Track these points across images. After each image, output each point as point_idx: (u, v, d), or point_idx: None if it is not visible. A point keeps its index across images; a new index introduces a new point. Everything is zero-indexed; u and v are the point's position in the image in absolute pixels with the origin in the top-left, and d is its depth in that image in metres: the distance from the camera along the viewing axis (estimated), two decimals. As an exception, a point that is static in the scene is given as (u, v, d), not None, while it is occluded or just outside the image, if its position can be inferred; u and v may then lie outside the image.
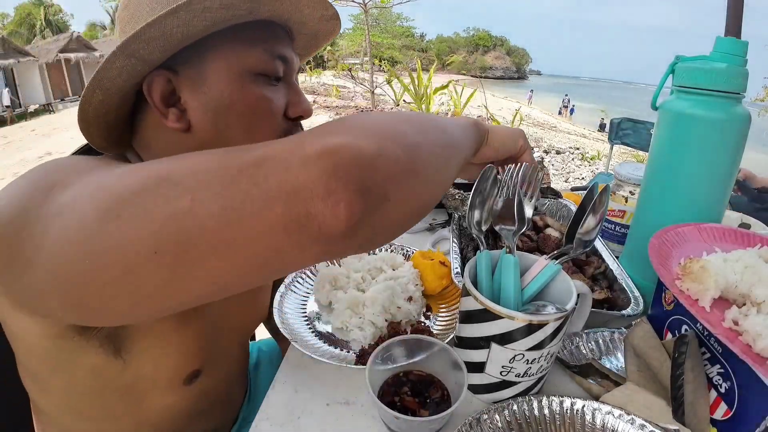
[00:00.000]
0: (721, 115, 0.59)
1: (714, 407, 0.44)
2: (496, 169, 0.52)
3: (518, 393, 0.49)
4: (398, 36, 34.55)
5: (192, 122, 0.46)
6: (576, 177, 5.33)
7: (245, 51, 0.46)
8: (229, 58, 0.46)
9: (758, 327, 0.39)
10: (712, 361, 0.45)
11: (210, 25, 0.42)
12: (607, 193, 0.50)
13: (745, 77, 0.59)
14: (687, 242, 0.55)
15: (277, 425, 0.49)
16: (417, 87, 7.60)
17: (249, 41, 0.47)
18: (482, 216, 0.52)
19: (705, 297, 0.44)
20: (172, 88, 0.45)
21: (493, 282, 0.52)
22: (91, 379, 0.47)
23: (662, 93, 0.67)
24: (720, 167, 0.61)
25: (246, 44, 0.46)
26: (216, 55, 0.45)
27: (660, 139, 0.65)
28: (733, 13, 1.68)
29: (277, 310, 0.65)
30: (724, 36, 0.61)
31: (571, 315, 0.47)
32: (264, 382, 0.84)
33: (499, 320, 0.45)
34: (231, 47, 0.46)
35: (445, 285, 0.72)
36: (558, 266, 0.50)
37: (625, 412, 0.45)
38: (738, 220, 0.84)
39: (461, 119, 0.49)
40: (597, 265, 0.72)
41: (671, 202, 0.65)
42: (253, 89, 0.47)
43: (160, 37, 0.40)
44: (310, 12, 0.49)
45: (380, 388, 0.49)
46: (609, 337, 0.60)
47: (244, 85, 0.47)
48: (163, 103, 0.45)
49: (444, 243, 0.94)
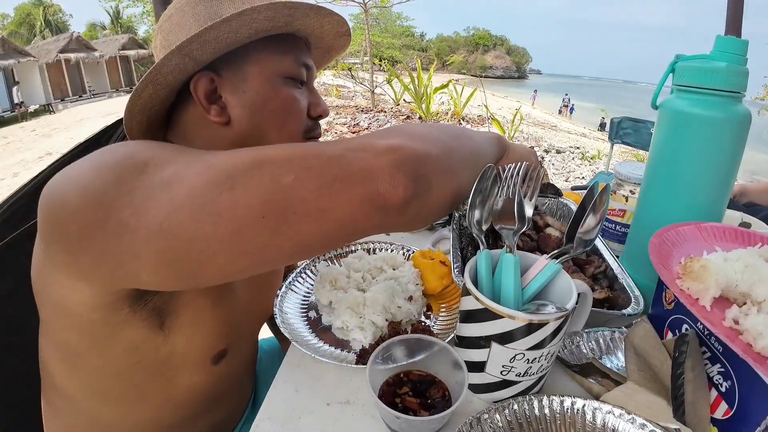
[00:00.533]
0: (721, 114, 0.59)
1: (714, 406, 0.44)
2: (497, 168, 0.52)
3: (519, 392, 0.49)
4: (398, 35, 34.55)
5: (232, 117, 0.53)
6: (576, 176, 5.32)
7: (279, 58, 0.55)
8: (266, 63, 0.54)
9: (759, 326, 0.39)
10: (713, 360, 0.45)
11: (253, 33, 0.50)
12: (608, 192, 0.50)
13: (746, 76, 0.59)
14: (687, 241, 0.55)
15: (278, 425, 0.49)
16: (417, 86, 7.60)
17: (282, 50, 0.55)
18: (482, 215, 0.52)
19: (705, 296, 0.44)
20: (214, 87, 0.53)
21: (493, 281, 0.52)
22: (128, 356, 0.50)
23: (662, 92, 0.67)
24: (720, 166, 0.61)
25: (279, 52, 0.55)
26: (255, 60, 0.53)
27: (660, 138, 0.65)
28: (733, 12, 1.68)
29: (278, 309, 0.65)
30: (724, 35, 0.61)
31: (571, 314, 0.47)
32: (266, 380, 0.84)
33: (499, 320, 0.45)
34: (268, 54, 0.54)
35: (445, 285, 0.72)
36: (558, 266, 0.50)
37: (625, 412, 0.45)
38: (738, 219, 0.84)
39: (488, 134, 0.58)
40: (597, 264, 0.72)
41: (671, 202, 0.65)
42: (284, 90, 0.55)
43: (213, 40, 0.48)
44: (329, 28, 0.59)
45: (381, 388, 0.49)
46: (609, 337, 0.60)
47: (277, 87, 0.54)
48: (207, 99, 0.52)
49: (444, 242, 0.94)
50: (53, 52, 16.78)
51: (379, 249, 0.83)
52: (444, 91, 7.59)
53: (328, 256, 0.80)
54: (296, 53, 0.56)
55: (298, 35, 0.58)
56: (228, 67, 0.53)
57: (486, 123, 7.12)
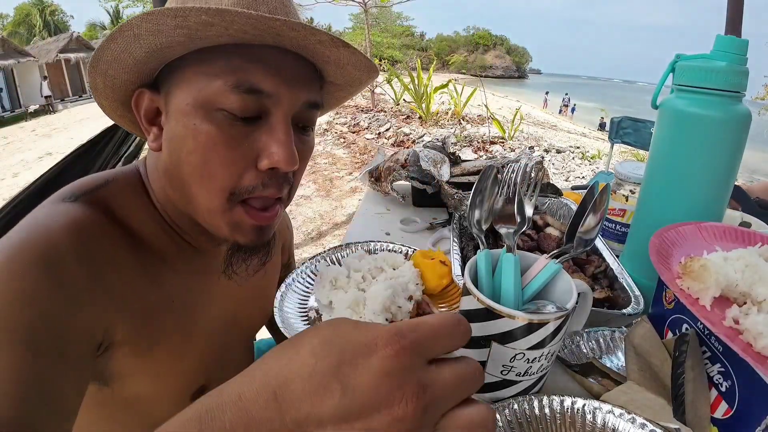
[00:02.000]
0: (721, 113, 0.59)
1: (715, 406, 0.44)
2: (497, 168, 0.52)
3: (519, 392, 0.49)
4: (398, 35, 34.55)
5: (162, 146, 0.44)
6: (576, 176, 5.32)
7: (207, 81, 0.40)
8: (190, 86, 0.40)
9: (759, 326, 0.39)
10: (713, 359, 0.44)
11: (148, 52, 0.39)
12: (608, 192, 0.50)
13: (746, 76, 0.59)
14: (687, 241, 0.55)
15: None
16: (417, 86, 7.60)
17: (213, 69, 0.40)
18: (482, 215, 0.52)
19: (705, 296, 0.44)
20: (156, 107, 0.44)
21: (493, 281, 0.52)
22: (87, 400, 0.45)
23: (663, 92, 0.67)
24: (720, 166, 0.61)
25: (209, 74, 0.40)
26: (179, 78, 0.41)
27: (660, 137, 0.65)
28: (733, 12, 1.68)
29: (278, 309, 0.65)
30: (724, 34, 0.60)
31: (571, 314, 0.47)
32: None
33: (499, 319, 0.45)
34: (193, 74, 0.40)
35: (445, 284, 0.72)
36: (558, 265, 0.50)
37: (626, 411, 0.44)
38: (738, 218, 0.84)
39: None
40: (597, 264, 0.72)
41: (672, 201, 0.65)
42: (205, 128, 0.40)
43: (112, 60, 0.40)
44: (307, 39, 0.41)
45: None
46: (609, 336, 0.60)
47: (200, 121, 0.40)
48: (147, 120, 0.44)
49: (444, 242, 0.94)
50: (53, 52, 16.78)
51: (379, 249, 0.83)
52: (444, 90, 7.59)
53: (328, 256, 0.80)
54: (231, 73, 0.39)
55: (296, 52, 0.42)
56: (163, 84, 0.43)
57: (486, 123, 7.12)
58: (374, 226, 1.04)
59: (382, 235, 0.99)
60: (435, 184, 1.05)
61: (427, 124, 7.31)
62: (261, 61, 0.40)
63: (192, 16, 0.35)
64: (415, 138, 6.41)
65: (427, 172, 1.03)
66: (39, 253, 0.37)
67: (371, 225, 1.04)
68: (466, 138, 6.40)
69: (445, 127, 7.23)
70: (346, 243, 0.85)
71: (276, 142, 0.41)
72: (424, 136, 6.48)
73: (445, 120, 7.62)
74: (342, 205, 4.30)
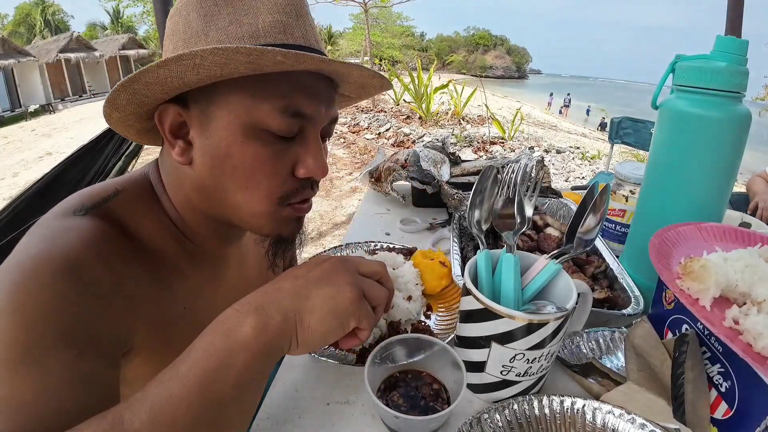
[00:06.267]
0: (721, 114, 0.59)
1: (714, 406, 0.44)
2: (497, 168, 0.52)
3: (519, 392, 0.49)
4: (398, 35, 34.53)
5: (194, 160, 0.47)
6: (576, 176, 5.32)
7: (250, 103, 0.44)
8: (234, 107, 0.44)
9: (759, 326, 0.39)
10: (713, 360, 0.44)
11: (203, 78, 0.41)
12: (608, 192, 0.50)
13: (746, 76, 0.59)
14: (687, 241, 0.55)
15: (278, 424, 0.49)
16: (417, 86, 7.60)
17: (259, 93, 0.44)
18: (482, 215, 0.52)
19: (705, 296, 0.44)
20: (182, 121, 0.46)
21: (493, 281, 0.52)
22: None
23: (663, 92, 0.67)
24: (720, 166, 0.61)
25: (253, 96, 0.44)
26: (222, 101, 0.44)
27: (660, 138, 0.65)
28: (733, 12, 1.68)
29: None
30: (724, 35, 0.60)
31: (571, 314, 0.47)
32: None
33: (499, 319, 0.45)
34: (238, 97, 0.44)
35: (445, 285, 0.72)
36: (558, 265, 0.50)
37: (625, 412, 0.45)
38: (738, 219, 0.84)
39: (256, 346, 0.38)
40: (597, 264, 0.72)
41: (672, 202, 0.65)
42: (252, 146, 0.45)
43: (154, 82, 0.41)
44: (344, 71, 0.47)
45: (380, 388, 0.49)
46: (609, 337, 0.60)
47: (245, 141, 0.44)
48: (172, 133, 0.46)
49: (444, 242, 0.94)
50: (53, 52, 16.77)
51: (379, 249, 0.83)
52: (444, 90, 7.60)
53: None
54: (280, 99, 0.44)
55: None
56: (196, 102, 0.45)
57: (486, 123, 7.12)
58: (374, 226, 1.04)
59: (382, 235, 0.99)
60: (435, 185, 1.05)
61: (427, 124, 7.32)
62: (305, 87, 0.45)
63: (267, 56, 0.38)
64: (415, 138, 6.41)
65: (427, 172, 1.03)
66: (62, 264, 0.39)
67: (371, 225, 1.04)
68: (466, 138, 6.40)
69: (445, 127, 7.23)
70: (346, 243, 0.85)
71: (311, 156, 0.48)
72: (424, 136, 6.48)
73: (445, 120, 7.62)
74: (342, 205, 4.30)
